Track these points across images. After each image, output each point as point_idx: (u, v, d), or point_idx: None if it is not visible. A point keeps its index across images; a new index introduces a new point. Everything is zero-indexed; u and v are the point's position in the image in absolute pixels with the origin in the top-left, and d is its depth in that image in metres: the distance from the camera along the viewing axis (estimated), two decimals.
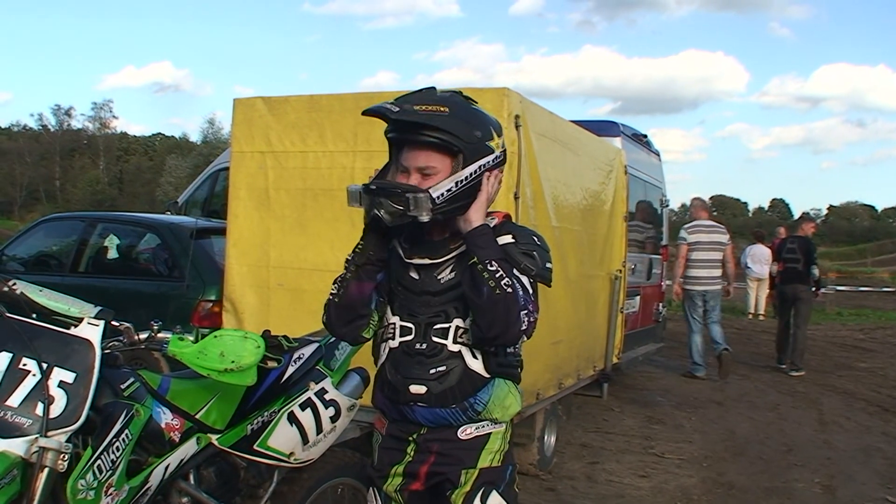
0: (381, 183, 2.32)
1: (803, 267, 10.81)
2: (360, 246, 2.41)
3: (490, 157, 2.33)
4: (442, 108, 2.29)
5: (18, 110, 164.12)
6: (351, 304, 2.42)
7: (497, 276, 2.23)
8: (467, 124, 2.30)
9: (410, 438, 2.48)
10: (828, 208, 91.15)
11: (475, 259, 2.27)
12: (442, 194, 2.26)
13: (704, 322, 10.12)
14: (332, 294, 2.45)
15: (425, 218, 2.25)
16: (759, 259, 16.78)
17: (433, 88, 2.38)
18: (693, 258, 9.96)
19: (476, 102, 2.41)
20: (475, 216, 2.31)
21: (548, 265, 2.41)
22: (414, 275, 2.45)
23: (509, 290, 2.24)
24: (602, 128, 7.61)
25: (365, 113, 2.33)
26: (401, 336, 2.45)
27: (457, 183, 2.27)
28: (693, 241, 9.93)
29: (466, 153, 2.29)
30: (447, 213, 2.30)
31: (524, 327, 2.28)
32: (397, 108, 2.27)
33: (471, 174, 2.29)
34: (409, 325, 2.44)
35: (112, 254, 6.84)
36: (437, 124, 2.26)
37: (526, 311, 2.27)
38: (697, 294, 10.04)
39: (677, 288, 10.27)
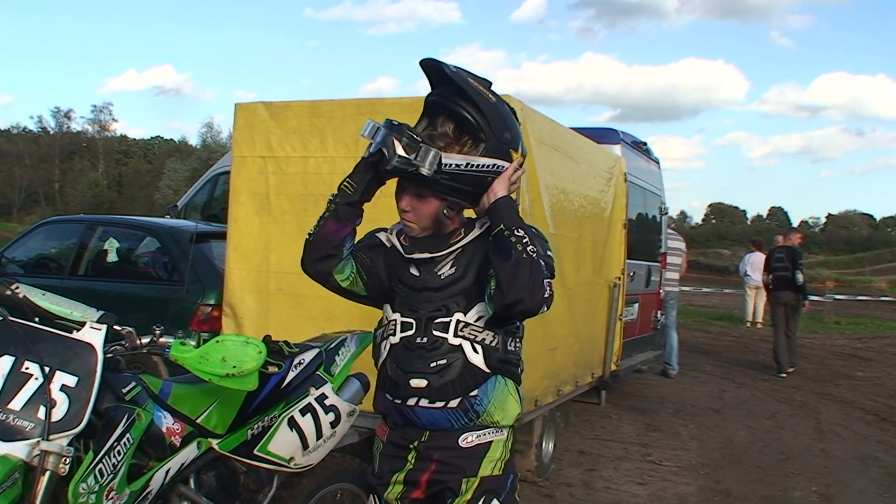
0: (403, 125, 2.33)
1: (791, 274, 11.40)
2: (347, 183, 2.45)
3: (506, 163, 2.35)
4: (490, 96, 2.34)
5: (18, 112, 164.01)
6: (325, 241, 2.47)
7: (524, 241, 2.26)
8: (503, 122, 2.35)
9: (412, 446, 2.48)
10: (826, 217, 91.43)
11: (501, 226, 2.29)
12: (451, 164, 2.28)
13: None
14: (309, 233, 2.50)
15: (426, 172, 2.26)
16: (758, 267, 16.78)
17: (491, 82, 2.42)
18: None
19: (520, 123, 2.46)
20: (500, 188, 2.34)
21: (549, 252, 2.43)
22: (414, 271, 2.48)
23: (535, 255, 2.27)
24: (602, 135, 7.63)
25: (422, 62, 2.37)
26: (402, 332, 2.46)
27: (468, 164, 2.30)
28: None
29: (489, 145, 2.32)
30: (444, 188, 2.33)
31: (546, 295, 2.28)
32: (455, 69, 2.33)
33: (484, 165, 2.31)
34: (410, 320, 2.46)
35: (112, 257, 6.83)
36: (479, 103, 2.30)
37: (548, 281, 2.30)
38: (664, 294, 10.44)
39: None
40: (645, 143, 9.08)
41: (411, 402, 2.43)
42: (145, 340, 2.65)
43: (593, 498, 5.66)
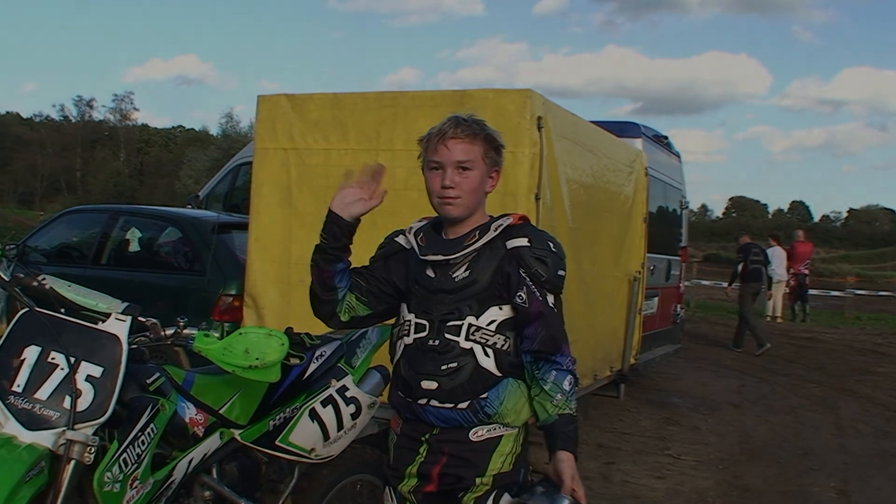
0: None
1: (763, 268, 13.62)
2: (321, 236, 2.57)
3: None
4: None
5: (41, 101, 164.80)
6: (318, 286, 2.56)
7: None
8: None
9: (423, 438, 2.48)
10: (848, 211, 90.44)
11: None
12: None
13: None
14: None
15: None
16: (781, 261, 16.75)
17: None
18: None
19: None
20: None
21: (559, 272, 2.43)
22: (430, 273, 2.48)
23: (574, 398, 2.44)
24: (623, 129, 7.61)
25: None
26: (415, 333, 2.47)
27: None
28: None
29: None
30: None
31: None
32: None
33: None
34: (424, 321, 2.46)
35: (134, 247, 6.87)
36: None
37: (571, 362, 2.54)
38: None
39: None
40: (666, 137, 9.05)
41: (422, 401, 2.45)
42: (169, 332, 2.65)
43: (611, 491, 5.67)
